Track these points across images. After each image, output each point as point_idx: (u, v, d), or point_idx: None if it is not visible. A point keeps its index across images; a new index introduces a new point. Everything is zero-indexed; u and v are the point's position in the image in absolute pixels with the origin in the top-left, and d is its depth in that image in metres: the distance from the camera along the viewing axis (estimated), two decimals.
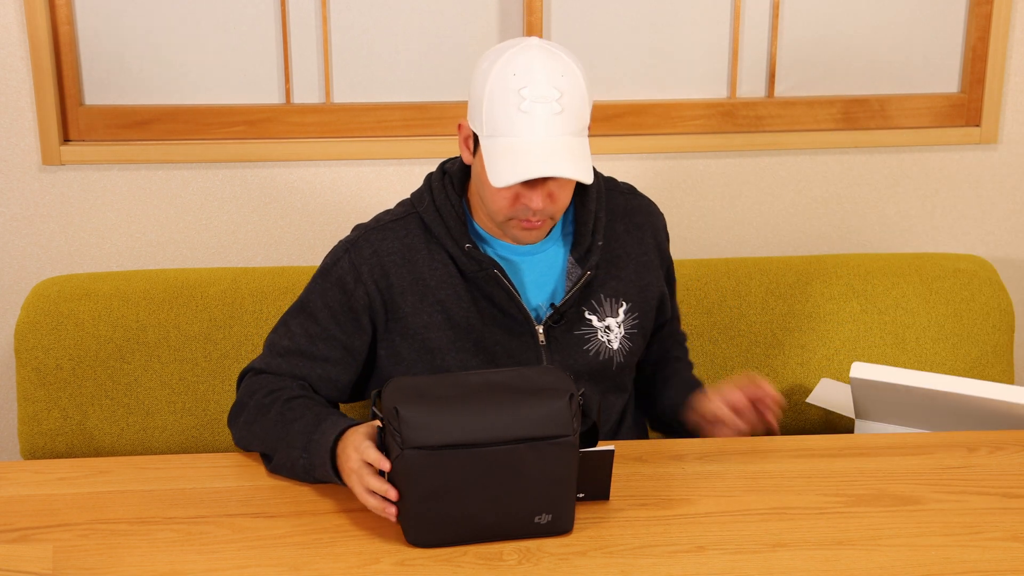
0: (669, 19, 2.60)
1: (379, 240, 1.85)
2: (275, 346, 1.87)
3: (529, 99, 1.66)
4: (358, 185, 2.59)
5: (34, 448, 2.22)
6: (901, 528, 1.60)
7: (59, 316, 2.21)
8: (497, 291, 1.82)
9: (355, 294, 1.84)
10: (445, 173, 1.86)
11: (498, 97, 1.68)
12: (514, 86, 1.67)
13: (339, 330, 1.84)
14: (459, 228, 1.81)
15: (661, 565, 1.51)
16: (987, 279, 2.40)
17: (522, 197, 1.72)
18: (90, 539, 1.56)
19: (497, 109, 1.68)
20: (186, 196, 2.56)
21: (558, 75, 1.68)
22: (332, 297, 1.85)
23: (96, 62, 2.51)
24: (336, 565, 1.51)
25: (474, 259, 1.80)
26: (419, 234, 1.85)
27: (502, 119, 1.68)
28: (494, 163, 1.67)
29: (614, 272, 1.89)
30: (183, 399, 2.23)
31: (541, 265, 1.86)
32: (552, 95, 1.66)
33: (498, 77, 1.68)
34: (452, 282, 1.82)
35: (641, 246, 1.93)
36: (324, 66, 2.55)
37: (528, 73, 1.67)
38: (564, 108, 1.67)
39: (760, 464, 1.78)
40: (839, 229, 2.72)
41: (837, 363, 2.34)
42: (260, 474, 1.74)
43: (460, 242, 1.81)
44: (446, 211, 1.82)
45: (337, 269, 1.85)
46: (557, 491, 1.53)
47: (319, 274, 1.88)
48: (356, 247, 1.86)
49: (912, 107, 2.68)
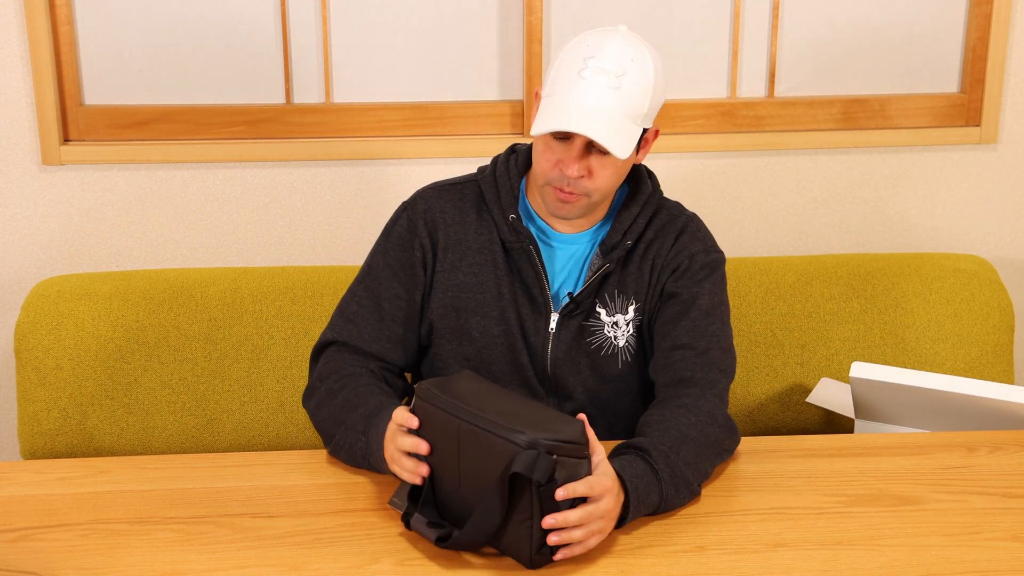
0: (669, 19, 2.60)
1: (434, 199, 1.92)
2: (344, 311, 1.92)
3: (591, 68, 1.73)
4: (358, 185, 2.59)
5: (34, 448, 2.22)
6: (901, 528, 1.60)
7: (59, 316, 2.21)
8: (528, 269, 1.87)
9: (412, 248, 1.90)
10: (514, 151, 1.93)
11: (566, 62, 1.75)
12: (583, 55, 1.74)
13: (402, 288, 1.90)
14: (509, 198, 1.87)
15: (661, 565, 1.51)
16: (987, 279, 2.40)
17: (562, 163, 1.76)
18: (90, 539, 1.56)
19: (561, 71, 1.75)
20: (186, 196, 2.56)
21: (628, 58, 1.74)
22: (393, 256, 1.91)
23: (96, 62, 2.51)
24: (336, 565, 1.50)
25: (515, 230, 1.86)
26: (473, 200, 1.91)
27: (562, 80, 1.74)
28: (539, 118, 1.75)
29: (631, 269, 1.90)
30: (183, 399, 2.23)
31: (570, 253, 1.90)
32: (614, 71, 1.73)
33: (573, 46, 1.77)
34: (492, 249, 1.88)
35: (660, 250, 1.90)
36: (324, 66, 2.55)
37: (600, 47, 1.74)
38: (622, 86, 1.73)
39: (760, 464, 1.78)
40: (839, 229, 2.72)
41: (837, 363, 2.34)
42: (260, 474, 1.74)
43: (507, 211, 1.87)
44: (503, 182, 1.89)
45: (396, 228, 1.93)
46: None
47: (381, 236, 1.95)
48: (413, 204, 1.93)
49: (912, 107, 2.68)
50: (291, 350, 2.25)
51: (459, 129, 2.61)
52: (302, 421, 2.26)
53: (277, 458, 1.79)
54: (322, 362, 1.89)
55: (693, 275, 1.88)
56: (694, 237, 1.91)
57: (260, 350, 2.24)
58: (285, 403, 2.25)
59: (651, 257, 1.90)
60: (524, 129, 2.60)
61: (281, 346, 2.25)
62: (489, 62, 2.59)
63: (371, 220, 2.60)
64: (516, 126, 2.61)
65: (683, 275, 1.88)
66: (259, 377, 2.24)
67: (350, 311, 1.92)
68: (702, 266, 1.89)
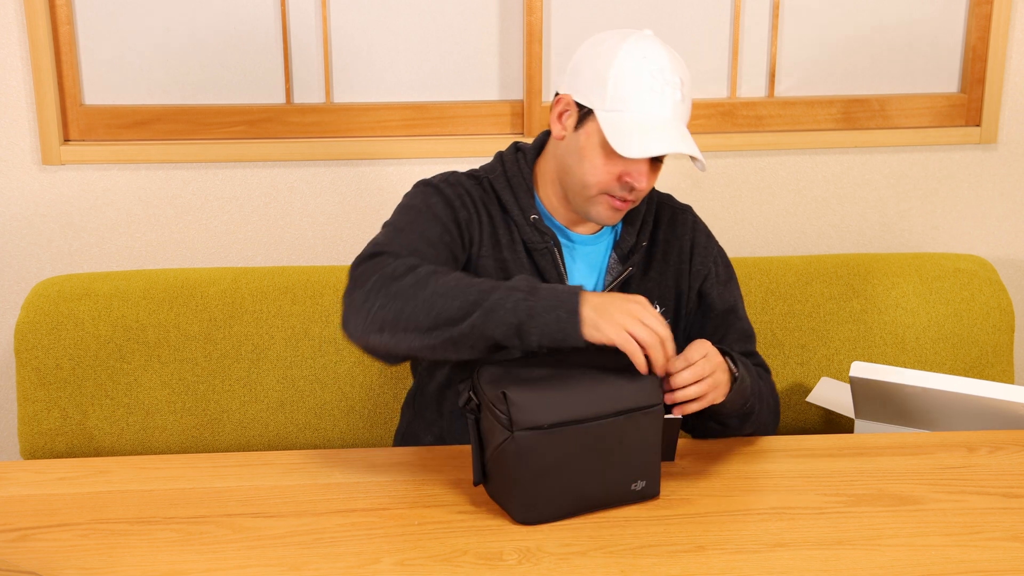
0: (669, 19, 2.60)
1: (463, 187, 1.87)
2: (390, 230, 1.77)
3: (660, 81, 1.73)
4: (358, 185, 2.59)
5: (34, 448, 2.22)
6: (901, 528, 1.60)
7: (59, 316, 2.21)
8: (550, 270, 1.85)
9: (457, 209, 1.83)
10: (519, 150, 1.92)
11: (629, 74, 1.73)
12: (646, 68, 1.74)
13: (449, 238, 1.80)
14: (527, 199, 1.86)
15: (661, 565, 1.51)
16: (987, 279, 2.40)
17: (629, 175, 1.76)
18: (90, 539, 1.56)
19: (628, 86, 1.73)
20: (186, 196, 2.56)
21: (681, 66, 1.78)
22: (439, 209, 1.82)
23: (96, 62, 2.51)
24: (336, 565, 1.50)
25: (538, 230, 1.85)
26: (493, 198, 1.88)
27: (633, 95, 1.73)
28: (621, 135, 1.72)
29: (652, 274, 1.91)
30: (183, 399, 2.23)
31: (590, 256, 1.90)
32: (677, 82, 1.75)
33: (627, 57, 1.74)
34: (515, 248, 1.86)
35: (680, 254, 1.94)
36: (324, 66, 2.55)
37: (657, 58, 1.74)
38: (684, 97, 1.76)
39: (760, 464, 1.78)
40: (839, 229, 2.72)
41: (837, 363, 2.34)
42: (260, 474, 1.74)
43: (527, 212, 1.85)
44: (516, 182, 1.87)
45: (432, 200, 1.82)
46: (648, 458, 1.61)
47: (409, 200, 1.83)
48: (439, 188, 1.85)
49: (912, 107, 2.68)
50: (291, 350, 2.25)
51: (459, 129, 2.61)
52: (302, 421, 2.26)
53: (277, 458, 1.79)
54: (375, 266, 1.66)
55: (718, 277, 1.95)
56: (706, 235, 1.97)
57: (260, 350, 2.24)
58: (285, 403, 2.25)
59: (673, 262, 1.92)
60: (524, 129, 2.60)
61: (281, 346, 2.25)
62: (489, 62, 2.59)
63: (371, 220, 2.60)
64: (516, 126, 2.61)
65: (715, 283, 1.94)
66: (259, 377, 2.24)
67: (394, 230, 1.76)
68: (725, 265, 1.97)
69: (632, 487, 1.61)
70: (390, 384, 2.28)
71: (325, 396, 2.26)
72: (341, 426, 2.27)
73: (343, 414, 2.27)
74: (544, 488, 1.57)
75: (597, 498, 1.61)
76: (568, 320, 1.54)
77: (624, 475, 1.61)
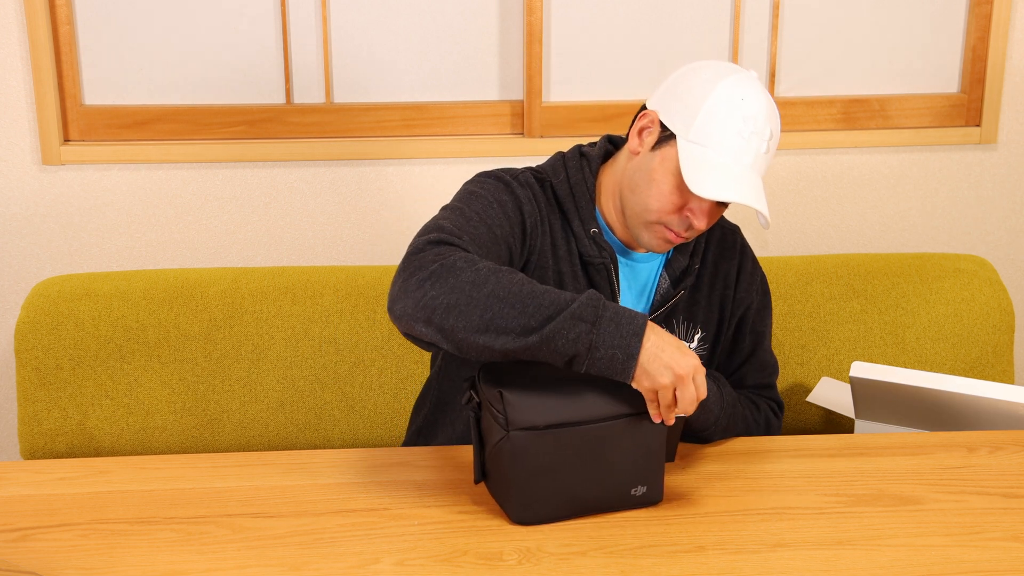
0: (669, 19, 2.60)
1: (531, 186, 1.82)
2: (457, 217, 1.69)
3: (751, 129, 1.70)
4: (358, 185, 2.59)
5: (34, 448, 2.22)
6: (901, 528, 1.60)
7: (59, 316, 2.21)
8: (603, 285, 1.82)
9: (526, 214, 1.78)
10: (583, 155, 1.86)
11: (721, 112, 1.70)
12: (740, 111, 1.70)
13: (513, 239, 1.75)
14: (588, 211, 1.82)
15: (661, 565, 1.51)
16: (987, 279, 2.40)
17: (691, 211, 1.73)
18: (90, 539, 1.56)
19: (716, 122, 1.70)
20: (186, 196, 2.56)
21: (775, 117, 1.75)
22: (509, 208, 1.76)
23: (96, 62, 2.51)
24: (336, 565, 1.50)
25: (597, 244, 1.81)
26: (554, 205, 1.83)
27: (717, 134, 1.70)
28: (697, 170, 1.68)
29: (699, 298, 1.90)
30: (183, 399, 2.23)
31: (641, 275, 1.87)
32: (766, 134, 1.72)
33: (725, 93, 1.71)
34: (572, 260, 1.82)
35: (727, 279, 1.93)
36: (324, 66, 2.55)
37: (755, 104, 1.71)
38: (769, 150, 1.73)
39: (760, 464, 1.78)
40: (839, 229, 2.72)
41: (837, 363, 2.34)
42: (260, 474, 1.74)
43: (587, 225, 1.81)
44: (580, 191, 1.82)
45: (502, 187, 1.78)
46: (649, 463, 1.60)
47: (478, 189, 1.76)
48: (510, 186, 1.79)
49: (912, 107, 2.68)
50: (291, 350, 2.25)
51: (459, 129, 2.61)
52: (302, 421, 2.26)
53: (277, 458, 1.79)
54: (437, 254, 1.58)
55: (758, 308, 1.95)
56: (753, 262, 1.96)
57: (260, 350, 2.24)
58: (285, 403, 2.25)
59: (719, 287, 1.91)
60: (524, 129, 2.60)
61: (281, 346, 2.25)
62: (489, 62, 2.59)
63: (371, 220, 2.60)
64: (516, 126, 2.61)
65: (753, 314, 1.94)
66: (259, 377, 2.24)
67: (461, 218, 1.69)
68: (764, 294, 1.97)
69: (632, 492, 1.61)
70: (390, 384, 2.28)
71: (325, 396, 2.26)
72: (341, 426, 2.27)
73: (343, 414, 2.27)
74: (540, 489, 1.57)
75: (595, 501, 1.60)
76: (624, 363, 1.51)
77: (624, 479, 1.60)
